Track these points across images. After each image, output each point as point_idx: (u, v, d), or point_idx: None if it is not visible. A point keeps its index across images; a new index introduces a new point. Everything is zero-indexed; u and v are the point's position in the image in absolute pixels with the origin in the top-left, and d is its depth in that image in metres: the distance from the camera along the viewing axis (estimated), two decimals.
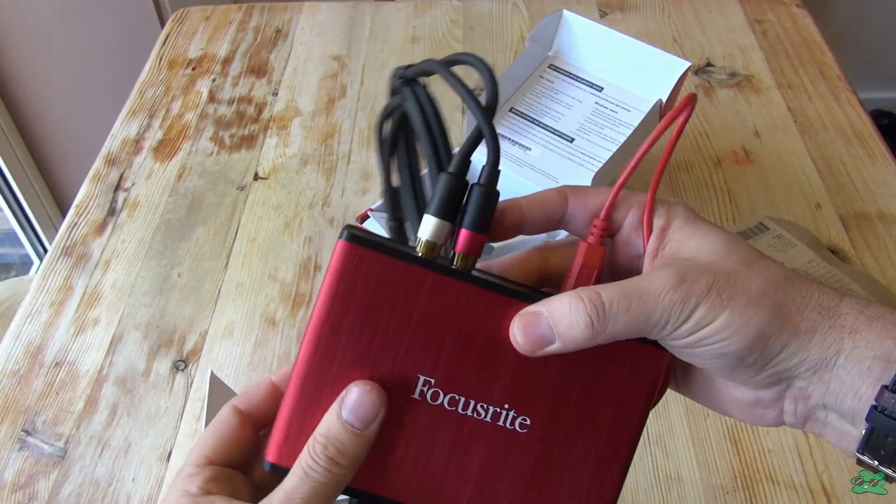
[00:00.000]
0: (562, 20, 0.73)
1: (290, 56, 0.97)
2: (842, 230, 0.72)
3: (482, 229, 0.31)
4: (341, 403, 0.30)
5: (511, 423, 0.31)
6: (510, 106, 0.73)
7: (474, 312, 0.30)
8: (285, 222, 0.76)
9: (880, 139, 0.82)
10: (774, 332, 0.29)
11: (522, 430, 0.31)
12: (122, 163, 0.83)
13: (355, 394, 0.30)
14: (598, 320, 0.29)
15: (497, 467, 0.31)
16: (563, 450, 0.31)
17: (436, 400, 0.30)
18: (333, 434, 0.30)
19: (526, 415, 0.31)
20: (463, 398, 0.30)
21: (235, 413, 0.33)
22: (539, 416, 0.31)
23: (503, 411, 0.31)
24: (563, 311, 0.29)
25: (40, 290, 0.71)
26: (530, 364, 0.30)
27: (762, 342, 0.29)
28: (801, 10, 1.00)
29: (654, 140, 0.33)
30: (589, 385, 0.31)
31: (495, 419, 0.31)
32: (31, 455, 0.59)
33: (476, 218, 0.31)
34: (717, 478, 0.55)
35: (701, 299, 0.29)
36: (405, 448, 0.31)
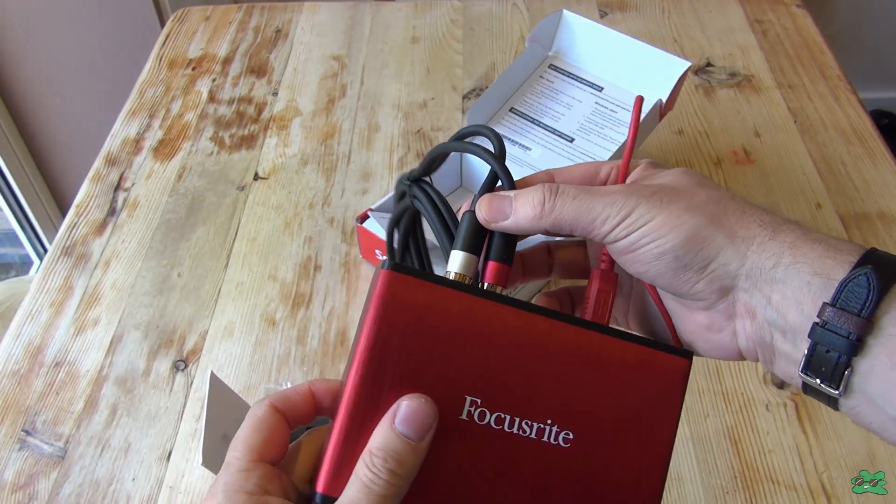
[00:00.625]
0: (562, 20, 0.73)
1: (290, 56, 0.97)
2: (842, 230, 0.72)
3: (507, 261, 0.33)
4: (394, 416, 0.30)
5: (555, 438, 0.31)
6: (510, 106, 0.73)
7: (515, 333, 0.31)
8: (285, 222, 0.76)
9: (880, 139, 0.82)
10: (710, 234, 0.31)
11: (566, 445, 0.31)
12: (122, 163, 0.84)
13: (407, 406, 0.30)
14: (549, 201, 0.32)
15: (545, 484, 0.31)
16: (607, 462, 0.31)
17: (483, 420, 0.31)
18: (391, 446, 0.29)
19: (569, 429, 0.31)
20: (508, 416, 0.31)
21: (275, 412, 0.32)
22: (581, 430, 0.31)
23: (547, 427, 0.31)
24: (524, 193, 0.32)
25: (40, 290, 0.71)
26: (570, 379, 0.31)
27: (697, 241, 0.31)
28: (801, 10, 1.00)
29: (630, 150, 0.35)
30: (624, 396, 0.32)
31: (540, 435, 0.31)
32: (31, 455, 0.59)
33: (501, 251, 0.33)
34: (717, 478, 0.55)
35: (641, 200, 0.31)
36: (456, 468, 0.31)
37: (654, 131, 0.74)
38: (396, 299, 0.31)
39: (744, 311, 0.31)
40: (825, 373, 0.29)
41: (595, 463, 0.31)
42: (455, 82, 0.92)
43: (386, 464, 0.29)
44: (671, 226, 0.31)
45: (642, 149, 0.80)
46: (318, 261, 0.72)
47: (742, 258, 0.30)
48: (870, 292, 0.28)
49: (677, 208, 0.31)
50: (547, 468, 0.31)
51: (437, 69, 0.94)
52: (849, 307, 0.28)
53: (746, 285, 0.31)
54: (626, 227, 0.31)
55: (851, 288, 0.28)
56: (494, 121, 0.73)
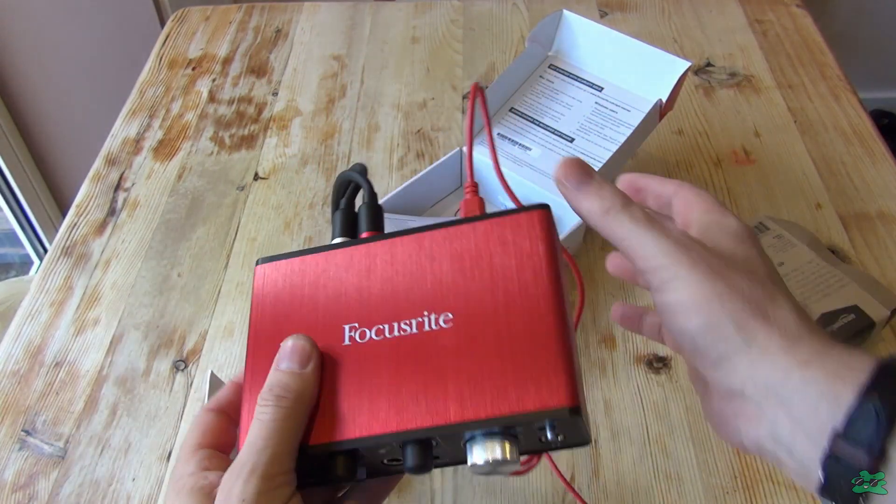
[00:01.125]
0: (562, 20, 0.73)
1: (290, 56, 0.97)
2: (842, 230, 0.72)
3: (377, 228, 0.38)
4: (276, 360, 0.34)
5: (436, 323, 0.33)
6: (510, 106, 0.73)
7: (370, 258, 0.35)
8: (285, 222, 0.76)
9: (880, 139, 0.82)
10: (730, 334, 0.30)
11: (448, 325, 0.33)
12: (122, 163, 0.84)
13: (283, 345, 0.33)
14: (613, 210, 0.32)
15: (443, 365, 0.32)
16: (495, 323, 0.33)
17: (364, 338, 0.34)
18: (275, 380, 0.33)
19: (445, 311, 0.33)
20: (386, 325, 0.34)
21: (208, 411, 0.36)
22: (458, 307, 0.33)
23: (424, 318, 0.33)
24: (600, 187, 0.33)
25: (40, 290, 0.71)
26: (432, 271, 0.35)
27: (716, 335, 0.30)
28: (801, 10, 1.00)
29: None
30: (491, 263, 0.34)
31: (420, 328, 0.33)
32: (31, 455, 0.59)
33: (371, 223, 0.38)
34: (717, 478, 0.55)
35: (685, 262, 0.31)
36: (357, 386, 0.33)
37: (654, 131, 0.74)
38: (266, 281, 0.37)
39: (750, 417, 0.31)
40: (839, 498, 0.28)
41: (484, 328, 0.33)
42: (455, 82, 0.92)
43: (272, 393, 0.32)
44: (699, 308, 0.30)
45: (643, 148, 0.80)
46: None
47: (753, 370, 0.30)
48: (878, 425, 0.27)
49: (712, 291, 0.30)
50: (439, 350, 0.33)
51: (437, 69, 0.94)
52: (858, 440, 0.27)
53: (755, 396, 0.30)
54: (661, 280, 0.31)
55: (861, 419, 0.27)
56: (494, 121, 0.73)
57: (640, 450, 0.57)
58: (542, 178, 0.68)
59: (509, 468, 0.30)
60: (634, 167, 0.78)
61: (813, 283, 0.61)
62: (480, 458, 0.30)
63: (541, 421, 0.30)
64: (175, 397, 0.62)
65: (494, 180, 0.74)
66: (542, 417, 0.30)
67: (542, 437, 0.31)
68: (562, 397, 0.30)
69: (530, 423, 0.30)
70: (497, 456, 0.30)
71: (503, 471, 0.31)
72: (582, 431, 0.31)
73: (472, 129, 0.37)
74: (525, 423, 0.30)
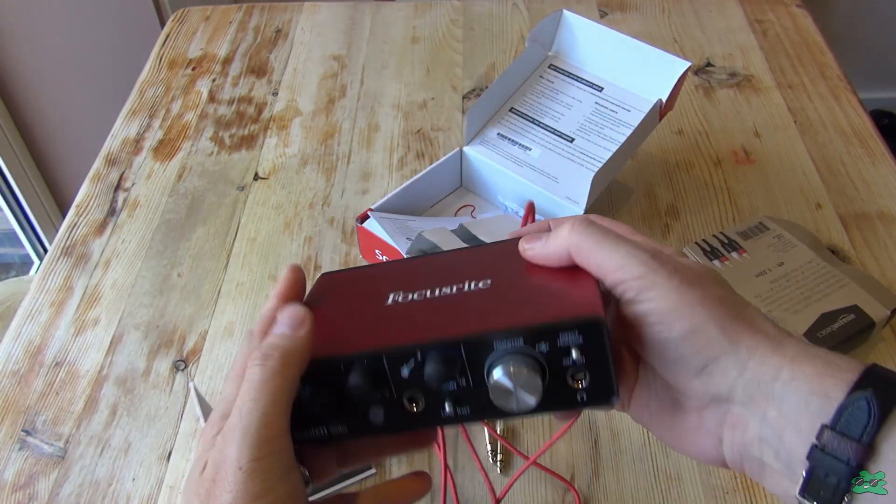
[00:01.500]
0: (562, 20, 0.73)
1: (290, 56, 0.97)
2: (842, 230, 0.72)
3: None
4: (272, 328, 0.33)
5: (475, 287, 0.34)
6: (510, 106, 0.73)
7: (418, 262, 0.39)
8: (285, 222, 0.76)
9: (880, 139, 0.82)
10: (715, 336, 0.30)
11: (486, 287, 0.34)
12: (122, 163, 0.84)
13: (279, 312, 0.33)
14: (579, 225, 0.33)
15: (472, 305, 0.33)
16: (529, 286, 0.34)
17: (406, 299, 0.35)
18: (264, 343, 0.31)
19: (486, 278, 0.35)
20: (428, 290, 0.35)
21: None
22: (497, 277, 0.35)
23: (465, 284, 0.35)
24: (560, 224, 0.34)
25: (40, 290, 0.71)
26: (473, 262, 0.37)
27: (701, 340, 0.30)
28: (801, 10, 1.00)
29: None
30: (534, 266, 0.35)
31: (460, 290, 0.34)
32: (31, 455, 0.59)
33: None
34: (717, 478, 0.55)
35: (662, 271, 0.31)
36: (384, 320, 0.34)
37: (654, 131, 0.74)
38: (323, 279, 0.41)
39: (735, 422, 0.31)
40: (823, 496, 0.28)
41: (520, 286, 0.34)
42: (455, 82, 0.92)
43: (259, 352, 0.31)
44: (678, 314, 0.30)
45: (643, 148, 0.80)
46: (319, 261, 0.72)
47: (742, 368, 0.30)
48: (870, 417, 0.27)
49: (692, 297, 0.30)
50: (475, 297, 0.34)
51: (437, 69, 0.94)
52: (849, 432, 0.27)
53: (743, 398, 0.30)
54: (637, 290, 0.31)
55: (852, 412, 0.27)
56: (494, 121, 0.73)
57: (640, 450, 0.57)
58: (543, 178, 0.68)
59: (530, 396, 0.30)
60: (634, 167, 0.78)
61: (813, 283, 0.61)
62: (500, 373, 0.29)
63: (565, 330, 0.29)
64: (175, 397, 0.62)
65: (495, 180, 0.74)
66: (565, 326, 0.29)
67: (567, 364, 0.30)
68: (586, 308, 0.30)
69: (554, 332, 0.29)
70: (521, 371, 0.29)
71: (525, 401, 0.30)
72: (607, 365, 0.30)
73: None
74: (548, 332, 0.30)
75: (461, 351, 0.30)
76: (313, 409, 0.32)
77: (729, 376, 0.30)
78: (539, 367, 0.30)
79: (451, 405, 0.31)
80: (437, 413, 0.31)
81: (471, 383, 0.31)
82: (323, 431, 0.32)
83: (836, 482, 0.27)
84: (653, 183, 0.77)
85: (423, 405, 0.31)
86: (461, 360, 0.30)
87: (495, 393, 0.30)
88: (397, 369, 0.31)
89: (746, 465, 0.31)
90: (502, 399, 0.30)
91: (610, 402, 0.30)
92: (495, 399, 0.30)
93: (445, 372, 0.30)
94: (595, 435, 0.58)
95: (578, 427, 0.58)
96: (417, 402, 0.31)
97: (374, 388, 0.31)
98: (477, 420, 0.32)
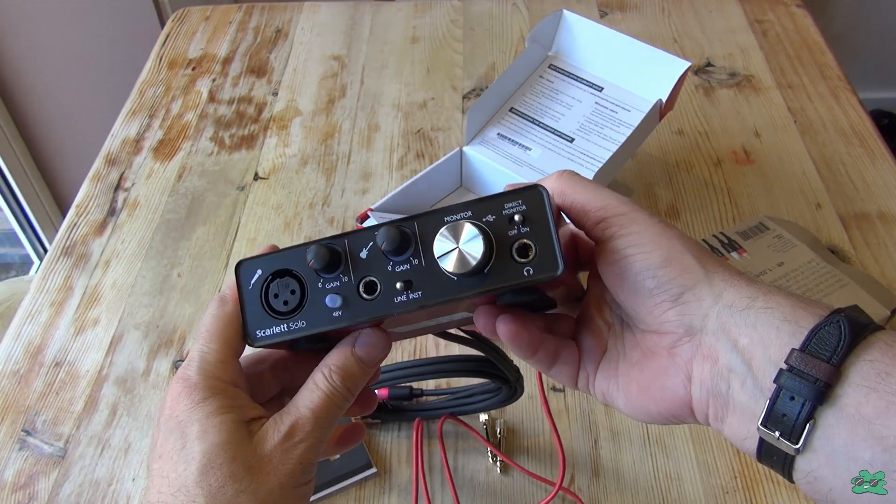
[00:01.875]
0: (562, 20, 0.73)
1: (290, 56, 0.97)
2: (842, 230, 0.72)
3: None
4: (354, 341, 0.34)
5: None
6: (510, 106, 0.73)
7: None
8: (285, 222, 0.76)
9: (880, 139, 0.82)
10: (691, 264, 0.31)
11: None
12: (122, 163, 0.84)
13: (367, 334, 0.34)
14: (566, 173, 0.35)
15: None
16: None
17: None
18: (349, 368, 0.33)
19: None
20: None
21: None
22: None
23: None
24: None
25: (40, 290, 0.71)
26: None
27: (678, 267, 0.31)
28: (801, 10, 1.00)
29: None
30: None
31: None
32: (31, 455, 0.59)
33: None
34: (717, 478, 0.55)
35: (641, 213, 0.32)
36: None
37: (654, 131, 0.74)
38: None
39: (706, 354, 0.31)
40: (785, 423, 0.28)
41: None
42: (455, 82, 0.92)
43: (344, 381, 0.33)
44: (657, 244, 0.31)
45: (643, 149, 0.80)
46: None
47: (717, 296, 0.31)
48: (841, 340, 0.27)
49: (669, 234, 0.32)
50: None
51: (437, 69, 0.94)
52: (818, 353, 0.27)
53: (715, 327, 0.31)
54: (619, 224, 0.32)
55: (822, 335, 0.28)
56: (494, 121, 0.73)
57: (640, 450, 0.57)
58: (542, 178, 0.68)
59: (474, 253, 0.30)
60: (634, 167, 0.78)
61: (813, 283, 0.61)
62: (445, 232, 0.31)
63: (508, 200, 0.31)
64: None
65: (494, 180, 0.74)
66: (509, 196, 0.31)
67: (512, 234, 0.31)
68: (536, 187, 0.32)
69: (498, 202, 0.31)
70: (464, 228, 0.31)
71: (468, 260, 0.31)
72: (549, 232, 0.31)
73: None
74: (493, 203, 0.31)
75: (415, 225, 0.32)
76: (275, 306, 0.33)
77: (704, 304, 0.31)
78: (484, 233, 0.31)
79: (404, 289, 0.32)
80: (391, 300, 0.32)
81: (422, 261, 0.32)
82: (283, 328, 0.33)
83: (801, 405, 0.27)
84: (653, 183, 0.77)
85: (379, 290, 0.32)
86: (414, 235, 0.32)
87: (440, 250, 0.31)
88: (356, 252, 0.33)
89: (712, 404, 0.31)
90: (448, 261, 0.31)
91: (555, 272, 0.31)
92: (442, 262, 0.31)
93: (400, 243, 0.31)
94: (595, 435, 0.58)
95: (578, 427, 0.58)
96: (374, 288, 0.33)
97: (333, 270, 0.33)
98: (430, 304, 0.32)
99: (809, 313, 0.29)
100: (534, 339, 0.35)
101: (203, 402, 0.31)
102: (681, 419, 0.33)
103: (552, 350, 0.36)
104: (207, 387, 0.32)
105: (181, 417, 0.31)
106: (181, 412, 0.31)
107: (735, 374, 0.30)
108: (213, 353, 0.33)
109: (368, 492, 0.55)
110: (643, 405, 0.34)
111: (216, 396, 0.32)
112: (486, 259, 0.31)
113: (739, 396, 0.30)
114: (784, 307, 0.29)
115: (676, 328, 0.32)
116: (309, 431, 0.32)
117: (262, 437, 0.31)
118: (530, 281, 0.31)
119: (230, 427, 0.31)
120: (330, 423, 0.33)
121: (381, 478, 0.56)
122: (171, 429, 0.31)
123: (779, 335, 0.29)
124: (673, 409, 0.33)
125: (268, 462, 0.31)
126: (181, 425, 0.31)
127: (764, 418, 0.28)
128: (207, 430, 0.31)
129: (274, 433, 0.32)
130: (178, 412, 0.32)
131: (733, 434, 0.31)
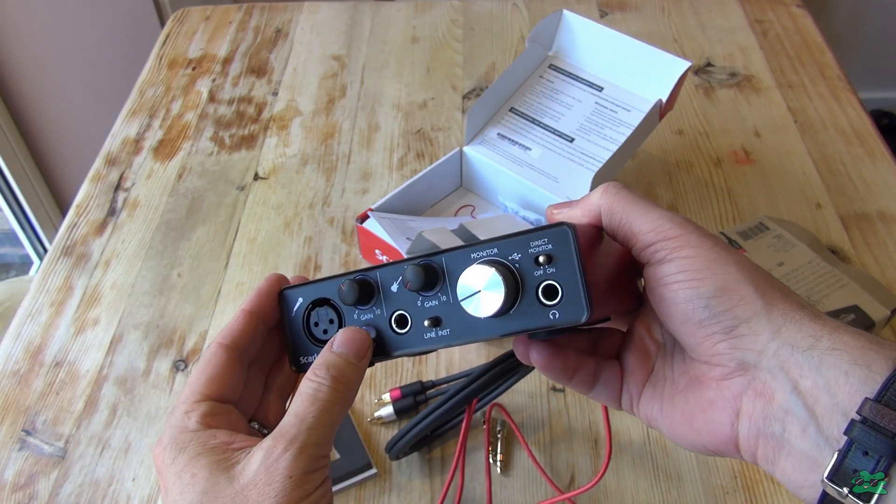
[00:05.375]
0: (562, 20, 0.73)
1: (290, 56, 0.97)
2: (842, 230, 0.72)
3: None
4: (332, 343, 0.33)
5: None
6: (510, 106, 0.73)
7: None
8: (285, 222, 0.76)
9: (880, 139, 0.82)
10: (748, 294, 0.28)
11: None
12: (122, 163, 0.84)
13: (342, 333, 0.33)
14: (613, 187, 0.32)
15: None
16: None
17: None
18: (331, 362, 0.32)
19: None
20: None
21: (222, 349, 0.35)
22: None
23: None
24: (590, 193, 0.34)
25: (40, 290, 0.71)
26: None
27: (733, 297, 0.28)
28: (801, 10, 1.00)
29: None
30: None
31: None
32: (31, 455, 0.59)
33: None
34: (717, 478, 0.55)
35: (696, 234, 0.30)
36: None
37: (654, 131, 0.74)
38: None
39: (759, 391, 0.28)
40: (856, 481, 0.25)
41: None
42: (455, 82, 0.92)
43: (328, 373, 0.32)
44: (712, 271, 0.29)
45: (643, 148, 0.80)
46: (318, 261, 0.72)
47: (775, 332, 0.28)
48: None
49: (725, 260, 0.29)
50: None
51: (437, 69, 0.94)
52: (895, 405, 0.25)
53: (772, 364, 0.28)
54: (671, 249, 0.30)
55: None
56: (494, 121, 0.73)
57: (640, 449, 0.57)
58: (543, 178, 0.68)
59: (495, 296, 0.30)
60: (634, 167, 0.78)
61: (813, 283, 0.61)
62: (468, 274, 0.31)
63: (535, 238, 0.30)
64: (175, 397, 0.62)
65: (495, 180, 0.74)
66: (535, 234, 0.30)
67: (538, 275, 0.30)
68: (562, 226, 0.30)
69: (525, 241, 0.31)
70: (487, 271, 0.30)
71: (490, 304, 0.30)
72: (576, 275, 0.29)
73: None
74: (520, 241, 0.31)
75: (443, 260, 0.32)
76: (315, 333, 0.35)
77: (760, 340, 0.28)
78: (509, 273, 0.31)
79: (432, 326, 0.33)
80: (421, 336, 0.33)
81: (451, 298, 0.32)
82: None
83: (875, 461, 0.25)
84: (653, 183, 0.77)
85: (410, 325, 0.33)
86: (443, 271, 0.32)
87: (463, 293, 0.31)
88: (388, 285, 0.34)
89: (762, 444, 0.29)
90: (471, 305, 0.31)
91: (580, 317, 0.29)
92: (466, 305, 0.31)
93: (426, 281, 0.32)
94: (595, 435, 0.58)
95: (578, 427, 0.58)
96: (405, 322, 0.33)
97: (367, 303, 0.34)
98: (456, 343, 0.33)
99: (882, 356, 0.26)
100: (569, 366, 0.34)
101: (173, 462, 0.32)
102: (725, 454, 0.31)
103: (591, 373, 0.34)
104: (175, 444, 0.32)
105: (165, 483, 0.32)
106: (163, 476, 0.32)
107: (793, 418, 0.27)
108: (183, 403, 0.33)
109: (368, 492, 0.55)
110: (685, 435, 0.32)
111: (185, 450, 0.32)
112: (509, 304, 0.30)
113: (799, 442, 0.27)
114: (853, 349, 0.27)
115: (728, 361, 0.29)
116: (293, 437, 0.30)
117: (243, 466, 0.31)
118: (555, 325, 0.30)
119: (204, 475, 0.30)
120: (319, 423, 0.31)
121: (381, 478, 0.56)
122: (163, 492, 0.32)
123: (847, 381, 0.26)
124: (717, 444, 0.31)
125: (252, 489, 0.30)
126: (166, 488, 0.32)
127: (831, 472, 0.26)
128: (184, 491, 0.31)
129: (256, 456, 0.31)
130: (161, 476, 0.32)
131: (788, 480, 0.28)
